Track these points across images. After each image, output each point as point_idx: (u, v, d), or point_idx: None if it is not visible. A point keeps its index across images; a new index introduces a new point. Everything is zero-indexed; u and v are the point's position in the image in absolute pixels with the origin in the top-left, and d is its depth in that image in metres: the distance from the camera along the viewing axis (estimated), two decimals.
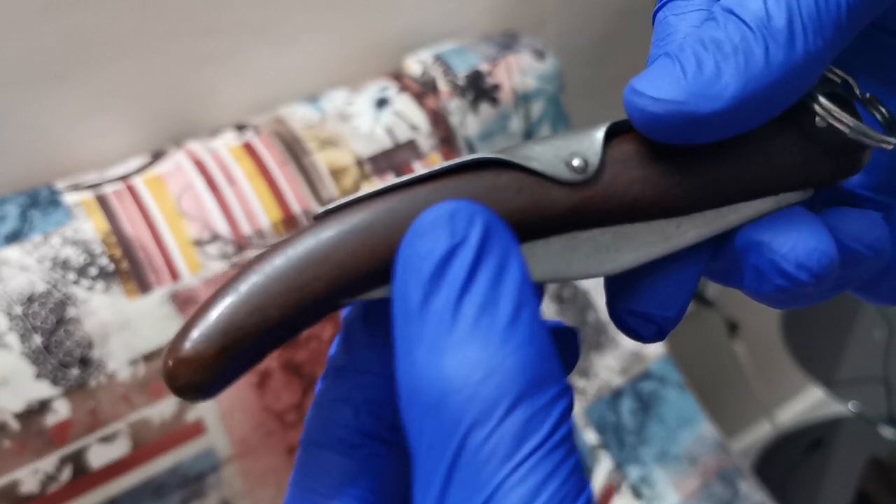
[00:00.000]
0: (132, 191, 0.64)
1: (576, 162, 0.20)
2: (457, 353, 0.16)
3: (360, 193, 0.20)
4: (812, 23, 0.19)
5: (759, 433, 1.74)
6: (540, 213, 0.19)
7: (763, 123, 0.20)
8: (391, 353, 0.19)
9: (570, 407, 0.17)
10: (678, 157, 0.21)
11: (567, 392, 0.17)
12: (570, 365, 0.23)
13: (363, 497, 0.20)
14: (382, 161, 0.71)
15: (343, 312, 0.22)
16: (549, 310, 0.81)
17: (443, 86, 0.76)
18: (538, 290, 0.22)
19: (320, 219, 0.20)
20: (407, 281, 0.17)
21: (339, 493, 0.19)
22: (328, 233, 0.19)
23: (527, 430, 0.15)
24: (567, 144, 0.20)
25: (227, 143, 0.68)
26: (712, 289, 1.39)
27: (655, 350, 0.85)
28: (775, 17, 0.19)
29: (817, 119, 0.21)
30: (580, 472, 0.16)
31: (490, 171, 0.20)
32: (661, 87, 0.19)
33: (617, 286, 0.22)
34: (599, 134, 0.21)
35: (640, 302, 0.22)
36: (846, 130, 0.21)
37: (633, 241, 0.21)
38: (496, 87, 0.76)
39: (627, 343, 0.83)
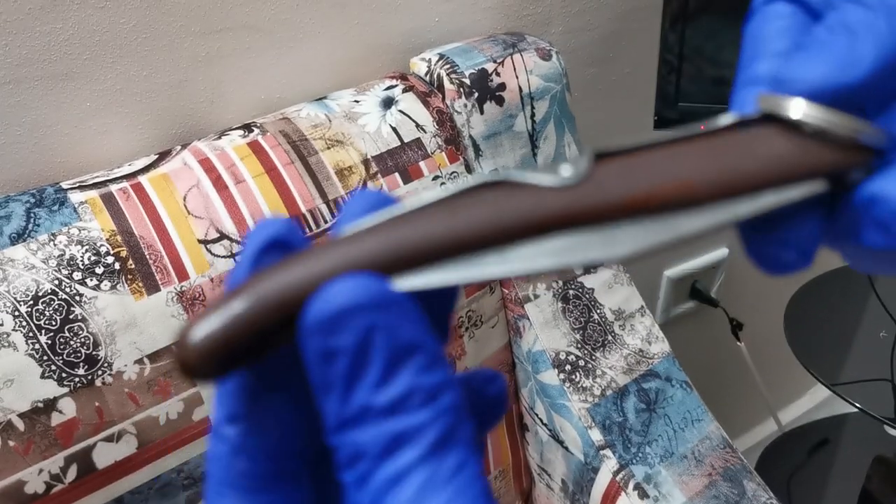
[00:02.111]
0: (138, 190, 0.64)
1: (564, 171, 0.21)
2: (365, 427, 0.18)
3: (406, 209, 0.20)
4: None
5: (765, 432, 1.74)
6: (535, 214, 0.20)
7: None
8: (285, 401, 0.21)
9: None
10: (664, 160, 0.22)
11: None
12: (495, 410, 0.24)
13: None
14: (388, 160, 0.71)
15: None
16: (554, 308, 0.81)
17: (448, 85, 0.76)
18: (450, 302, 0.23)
19: None
20: (320, 374, 0.18)
21: None
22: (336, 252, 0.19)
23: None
24: (555, 164, 0.21)
25: (233, 142, 0.68)
26: (717, 288, 1.39)
27: (660, 349, 0.85)
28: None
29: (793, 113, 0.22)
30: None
31: (487, 190, 0.20)
32: (810, 66, 0.21)
33: (747, 223, 0.23)
34: (586, 152, 0.21)
35: (775, 232, 0.23)
36: (819, 123, 0.22)
37: (634, 231, 0.21)
38: (502, 87, 0.76)
39: (632, 342, 0.83)
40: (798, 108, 0.22)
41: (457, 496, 0.17)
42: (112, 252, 0.60)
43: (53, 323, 0.57)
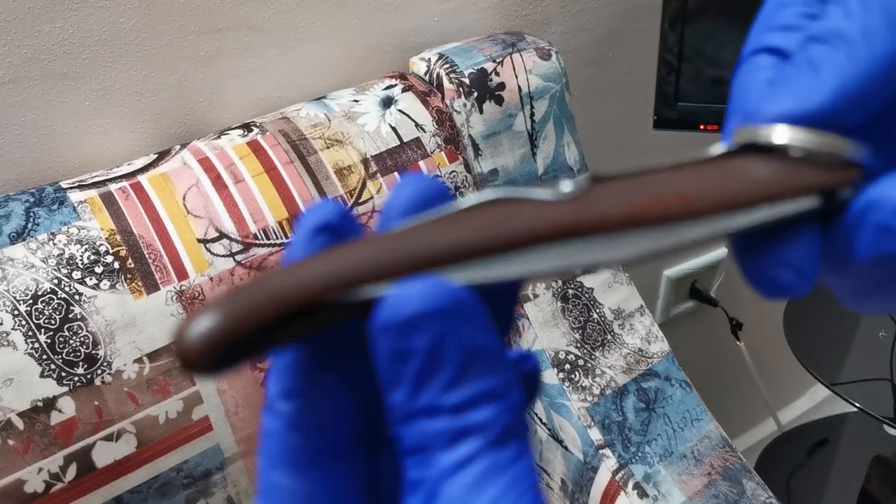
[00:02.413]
0: (138, 189, 0.64)
1: (564, 187, 0.21)
2: (430, 418, 0.19)
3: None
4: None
5: (764, 432, 1.74)
6: (538, 223, 0.21)
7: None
8: (344, 381, 0.21)
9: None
10: (661, 180, 0.22)
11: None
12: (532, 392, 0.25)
13: None
14: (388, 159, 0.71)
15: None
16: (554, 308, 0.81)
17: (448, 85, 0.76)
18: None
19: None
20: (392, 369, 0.19)
21: None
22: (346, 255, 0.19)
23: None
24: (555, 181, 0.22)
25: (232, 141, 0.68)
26: (716, 288, 1.39)
27: (660, 348, 0.85)
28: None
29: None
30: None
31: (493, 205, 0.21)
32: (806, 97, 0.22)
33: (744, 246, 0.24)
34: (585, 174, 0.22)
35: (772, 253, 0.23)
36: (802, 144, 0.23)
37: (634, 237, 0.22)
38: (501, 86, 0.76)
39: (631, 341, 0.83)
40: (781, 133, 0.23)
41: (513, 484, 0.18)
42: (111, 251, 0.60)
43: (53, 322, 0.57)
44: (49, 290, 0.58)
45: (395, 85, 0.76)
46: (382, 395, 0.20)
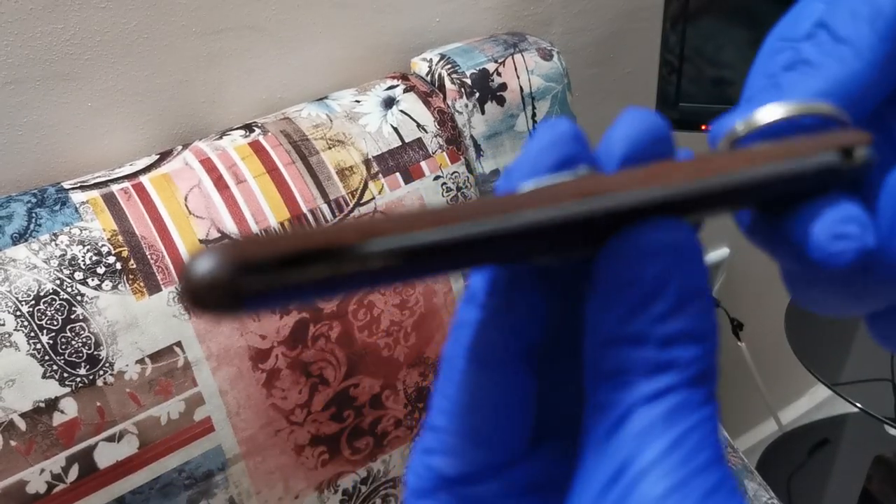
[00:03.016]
0: (140, 190, 0.64)
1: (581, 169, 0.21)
2: (631, 347, 0.19)
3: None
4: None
5: (765, 432, 1.74)
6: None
7: None
8: (549, 306, 0.22)
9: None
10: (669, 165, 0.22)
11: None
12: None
13: (500, 411, 0.21)
14: (390, 160, 0.71)
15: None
16: None
17: (450, 85, 0.76)
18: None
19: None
20: (621, 288, 0.19)
21: (476, 414, 0.21)
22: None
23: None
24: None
25: (234, 142, 0.68)
26: (717, 289, 1.39)
27: None
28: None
29: None
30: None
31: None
32: None
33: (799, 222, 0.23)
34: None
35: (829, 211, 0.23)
36: (795, 113, 0.22)
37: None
38: (503, 87, 0.76)
39: None
40: (769, 112, 0.22)
41: (702, 423, 0.18)
42: (113, 252, 0.60)
43: (55, 323, 0.57)
44: (51, 291, 0.58)
45: (397, 85, 0.76)
46: (582, 313, 0.20)
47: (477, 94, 0.75)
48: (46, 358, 0.57)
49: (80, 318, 0.58)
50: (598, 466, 0.18)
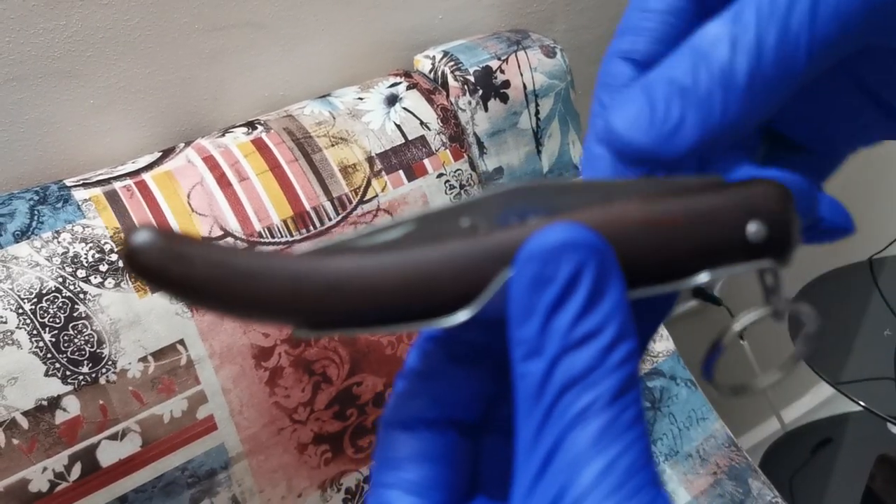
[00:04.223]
0: (142, 187, 0.63)
1: None
2: (561, 359, 0.19)
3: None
4: (773, 80, 0.20)
5: (768, 431, 1.74)
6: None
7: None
8: (471, 369, 0.24)
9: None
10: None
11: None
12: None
13: (432, 475, 0.22)
14: (393, 157, 0.71)
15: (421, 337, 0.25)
16: None
17: (453, 83, 0.75)
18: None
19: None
20: (531, 297, 0.20)
21: (409, 466, 0.22)
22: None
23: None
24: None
25: (237, 139, 0.68)
26: (720, 287, 1.39)
27: (665, 347, 0.84)
28: (739, 71, 0.20)
29: None
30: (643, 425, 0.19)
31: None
32: (634, 131, 0.21)
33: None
34: None
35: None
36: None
37: None
38: (506, 84, 0.76)
39: None
40: None
41: (633, 444, 0.19)
42: (116, 250, 0.60)
43: (57, 321, 0.57)
44: (54, 289, 0.58)
45: (400, 83, 0.76)
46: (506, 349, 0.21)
47: (480, 92, 0.75)
48: (49, 356, 0.57)
49: (83, 315, 0.58)
50: (534, 497, 0.19)
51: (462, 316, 0.21)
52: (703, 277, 0.22)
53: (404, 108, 0.73)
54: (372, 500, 0.22)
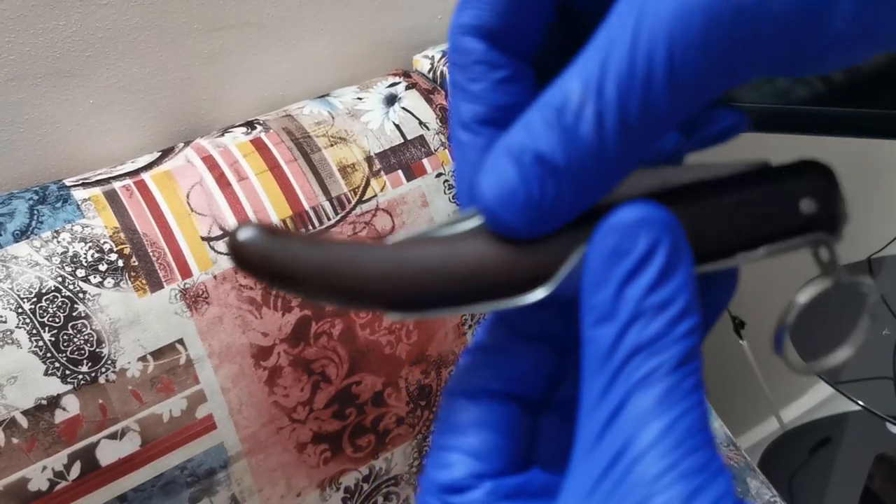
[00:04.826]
0: (142, 187, 0.63)
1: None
2: (628, 326, 0.20)
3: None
4: (644, 136, 0.20)
5: (767, 430, 1.74)
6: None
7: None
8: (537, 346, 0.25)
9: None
10: None
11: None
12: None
13: (492, 441, 0.23)
14: (392, 157, 0.71)
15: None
16: None
17: None
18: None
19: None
20: (608, 266, 0.21)
21: (471, 431, 0.23)
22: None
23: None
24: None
25: (236, 139, 0.68)
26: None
27: None
28: (609, 142, 0.20)
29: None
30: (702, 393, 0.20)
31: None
32: (509, 212, 0.21)
33: None
34: None
35: None
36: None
37: None
38: None
39: None
40: None
41: (693, 408, 0.20)
42: (115, 249, 0.60)
43: (57, 320, 0.57)
44: (53, 288, 0.58)
45: (399, 82, 0.76)
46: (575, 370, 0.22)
47: None
48: (48, 355, 0.57)
49: (82, 315, 0.58)
50: (598, 450, 0.20)
51: (540, 293, 0.22)
52: (761, 252, 0.23)
53: (403, 108, 0.73)
54: (432, 461, 0.23)
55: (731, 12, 0.19)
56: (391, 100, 0.74)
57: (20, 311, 0.56)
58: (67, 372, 0.57)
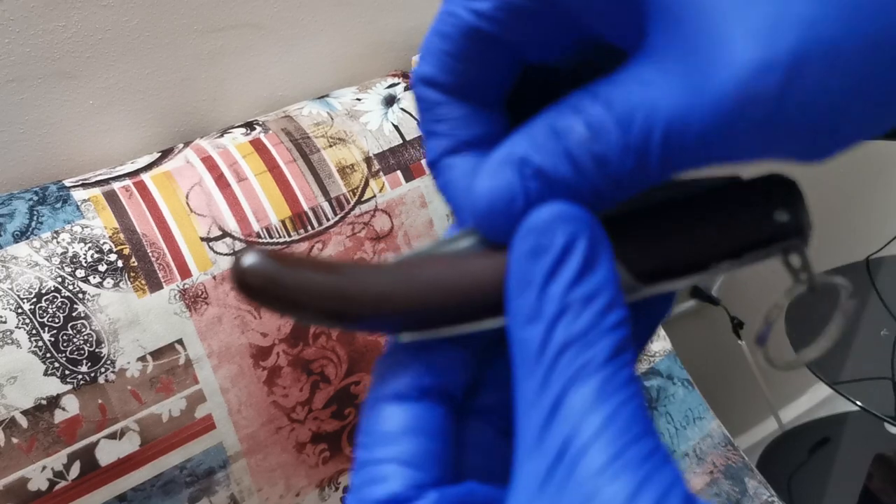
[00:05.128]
0: (141, 187, 0.64)
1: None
2: (556, 324, 0.20)
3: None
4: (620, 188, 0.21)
5: (765, 431, 1.74)
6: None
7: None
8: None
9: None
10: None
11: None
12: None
13: (428, 448, 0.23)
14: (391, 158, 0.71)
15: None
16: None
17: None
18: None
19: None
20: (529, 264, 0.21)
21: (404, 439, 0.23)
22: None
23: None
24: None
25: (235, 140, 0.68)
26: (718, 287, 1.39)
27: (662, 347, 0.85)
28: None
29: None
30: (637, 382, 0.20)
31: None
32: (499, 217, 0.22)
33: None
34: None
35: None
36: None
37: None
38: None
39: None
40: None
41: (630, 399, 0.19)
42: (115, 250, 0.60)
43: (56, 320, 0.58)
44: (53, 289, 0.58)
45: (398, 83, 0.76)
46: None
47: None
48: (48, 355, 0.57)
49: (82, 315, 0.58)
50: (541, 448, 0.20)
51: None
52: (740, 262, 0.24)
53: (402, 109, 0.73)
54: (360, 478, 0.22)
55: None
56: (390, 101, 0.74)
57: (20, 311, 0.57)
58: (67, 372, 0.57)
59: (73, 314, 0.58)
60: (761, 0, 0.18)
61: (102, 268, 0.60)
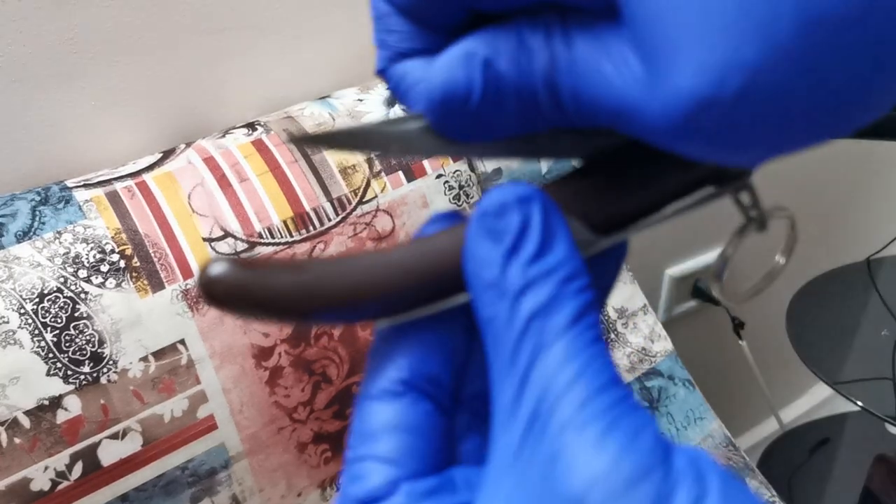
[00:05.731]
0: (143, 188, 0.64)
1: None
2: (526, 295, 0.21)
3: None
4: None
5: (766, 430, 1.74)
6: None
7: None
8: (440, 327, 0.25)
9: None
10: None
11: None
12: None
13: (405, 443, 0.23)
14: (392, 158, 0.71)
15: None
16: None
17: None
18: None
19: None
20: (487, 250, 0.22)
21: (382, 436, 0.23)
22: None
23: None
24: None
25: (237, 140, 0.68)
26: (718, 288, 1.39)
27: (663, 347, 0.85)
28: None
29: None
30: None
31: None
32: (450, 107, 0.23)
33: None
34: None
35: None
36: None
37: None
38: None
39: (635, 340, 0.83)
40: None
41: (597, 356, 0.20)
42: (117, 250, 0.60)
43: (59, 321, 0.58)
44: (55, 289, 0.58)
45: None
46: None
47: None
48: (50, 356, 0.57)
49: (84, 315, 0.58)
50: (515, 415, 0.20)
51: None
52: (687, 201, 0.24)
53: (403, 110, 0.73)
54: (346, 476, 0.23)
55: None
56: (392, 101, 0.74)
57: (22, 311, 0.57)
58: (69, 372, 0.58)
59: (76, 314, 0.58)
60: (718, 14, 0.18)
61: (105, 268, 0.60)
